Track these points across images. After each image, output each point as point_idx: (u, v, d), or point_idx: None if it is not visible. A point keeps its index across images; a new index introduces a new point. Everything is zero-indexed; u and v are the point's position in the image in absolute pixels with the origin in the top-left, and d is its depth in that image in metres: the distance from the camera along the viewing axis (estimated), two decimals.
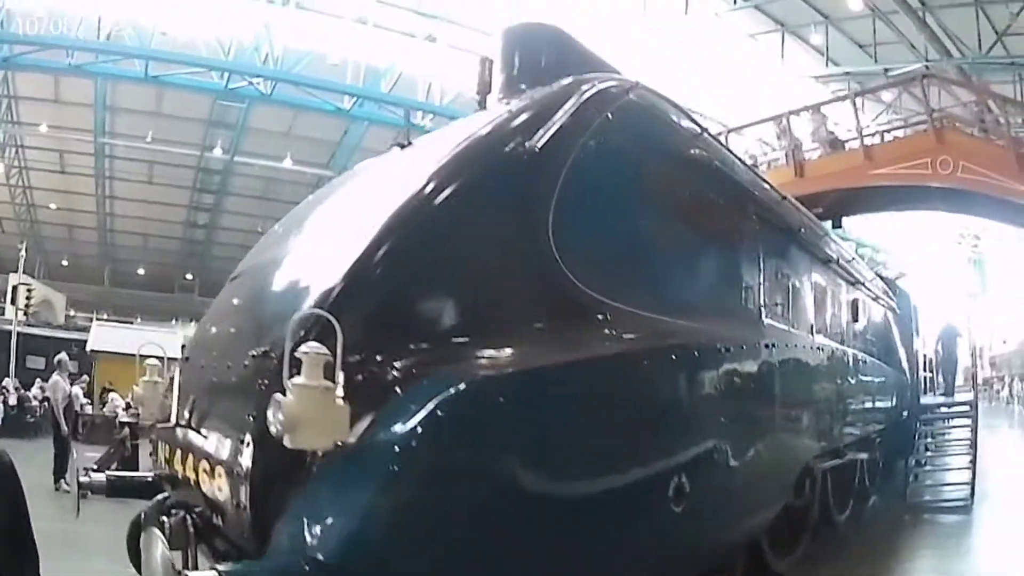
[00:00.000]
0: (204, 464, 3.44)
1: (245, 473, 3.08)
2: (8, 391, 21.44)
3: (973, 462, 11.17)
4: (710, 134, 5.64)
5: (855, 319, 9.23)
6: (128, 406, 21.72)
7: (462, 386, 2.99)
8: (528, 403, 3.20)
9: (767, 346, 5.58)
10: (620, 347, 3.75)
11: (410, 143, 4.56)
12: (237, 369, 3.50)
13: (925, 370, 15.65)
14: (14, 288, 26.79)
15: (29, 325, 29.28)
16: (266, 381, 3.10)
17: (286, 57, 23.63)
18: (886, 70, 22.82)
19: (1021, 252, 34.63)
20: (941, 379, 17.22)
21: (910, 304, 14.32)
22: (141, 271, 43.34)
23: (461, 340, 3.27)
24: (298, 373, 2.78)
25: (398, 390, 3.03)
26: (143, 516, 3.75)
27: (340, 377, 2.80)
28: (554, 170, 3.72)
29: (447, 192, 3.50)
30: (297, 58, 23.61)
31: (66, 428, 13.00)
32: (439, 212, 3.49)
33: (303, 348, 2.79)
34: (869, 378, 9.68)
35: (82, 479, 4.25)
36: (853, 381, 8.74)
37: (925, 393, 15.04)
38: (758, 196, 6.24)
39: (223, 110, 29.07)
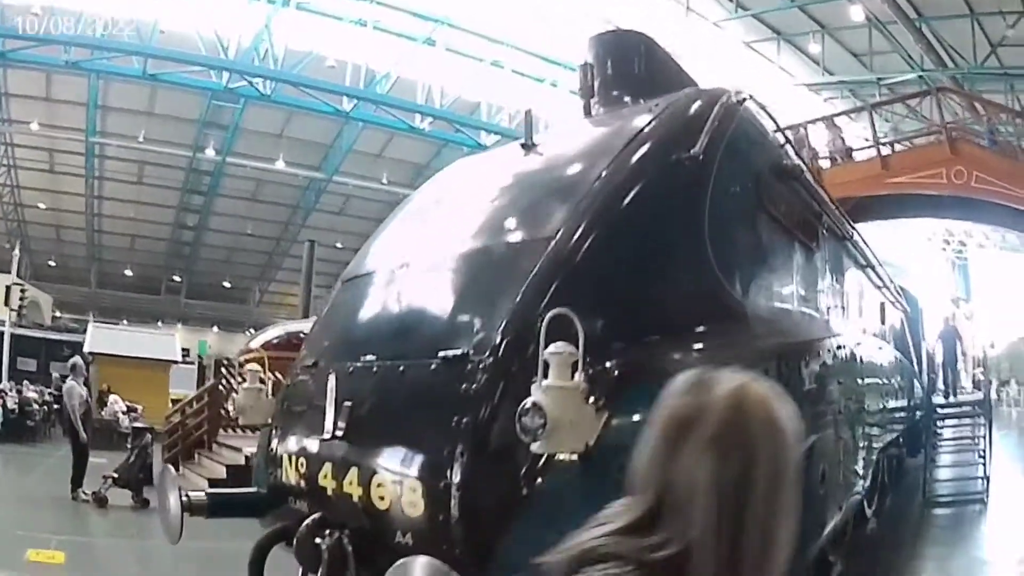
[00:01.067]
0: (383, 477, 3.21)
1: (457, 484, 2.93)
2: (7, 393, 20.96)
3: (985, 456, 11.65)
4: (792, 144, 5.88)
5: (883, 321, 9.56)
6: (129, 410, 21.48)
7: None
8: None
9: (857, 344, 5.84)
10: (778, 345, 3.94)
11: (534, 144, 4.63)
12: (419, 373, 3.33)
13: (931, 371, 16.12)
14: (7, 288, 26.34)
15: (20, 326, 28.89)
16: (474, 384, 3.03)
17: (286, 58, 23.66)
18: (879, 79, 23.33)
19: (1004, 257, 35.49)
20: (946, 379, 17.73)
21: (918, 307, 14.72)
22: (128, 272, 42.68)
23: (657, 342, 3.30)
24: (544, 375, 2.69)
25: (621, 390, 2.94)
26: (297, 540, 3.39)
27: (581, 377, 2.73)
28: (706, 178, 3.89)
29: (635, 194, 3.59)
30: (297, 59, 23.64)
31: (84, 435, 12.49)
32: (630, 214, 3.56)
33: (552, 348, 2.68)
34: (896, 377, 10.01)
35: (182, 498, 3.84)
36: (886, 380, 9.05)
37: (934, 392, 15.49)
38: (826, 202, 6.51)
39: (217, 110, 28.88)
